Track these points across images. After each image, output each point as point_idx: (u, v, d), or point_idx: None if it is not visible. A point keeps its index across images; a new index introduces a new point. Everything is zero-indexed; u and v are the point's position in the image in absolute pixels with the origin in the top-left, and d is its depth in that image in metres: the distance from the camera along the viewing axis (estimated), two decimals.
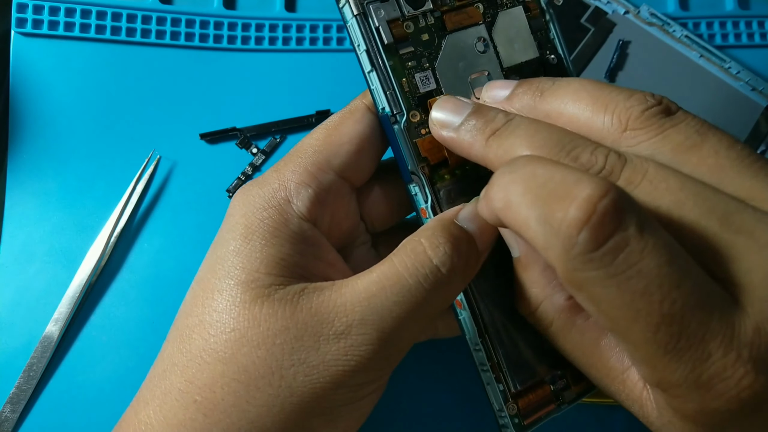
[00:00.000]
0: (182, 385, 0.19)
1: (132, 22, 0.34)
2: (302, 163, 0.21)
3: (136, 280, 0.31)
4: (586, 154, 0.17)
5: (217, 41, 0.34)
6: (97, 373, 0.29)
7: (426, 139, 0.21)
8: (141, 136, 0.33)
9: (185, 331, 0.20)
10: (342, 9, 0.21)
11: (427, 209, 0.21)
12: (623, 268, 0.14)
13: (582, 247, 0.14)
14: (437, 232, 0.19)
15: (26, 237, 0.31)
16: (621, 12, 0.36)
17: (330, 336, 0.18)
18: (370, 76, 0.21)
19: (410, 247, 0.19)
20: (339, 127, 0.22)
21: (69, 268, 0.30)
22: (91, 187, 0.32)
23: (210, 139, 0.33)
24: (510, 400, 0.21)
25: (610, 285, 0.14)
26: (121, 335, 0.30)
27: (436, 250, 0.19)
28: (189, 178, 0.32)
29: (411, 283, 0.19)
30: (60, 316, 0.29)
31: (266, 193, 0.21)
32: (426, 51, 0.21)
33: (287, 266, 0.20)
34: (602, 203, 0.14)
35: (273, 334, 0.19)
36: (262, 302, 0.19)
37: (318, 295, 0.19)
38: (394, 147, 0.21)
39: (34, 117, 0.32)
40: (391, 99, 0.21)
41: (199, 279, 0.21)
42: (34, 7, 0.33)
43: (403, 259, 0.19)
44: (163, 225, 0.32)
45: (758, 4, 0.38)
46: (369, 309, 0.19)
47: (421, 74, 0.21)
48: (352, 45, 0.21)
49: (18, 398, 0.28)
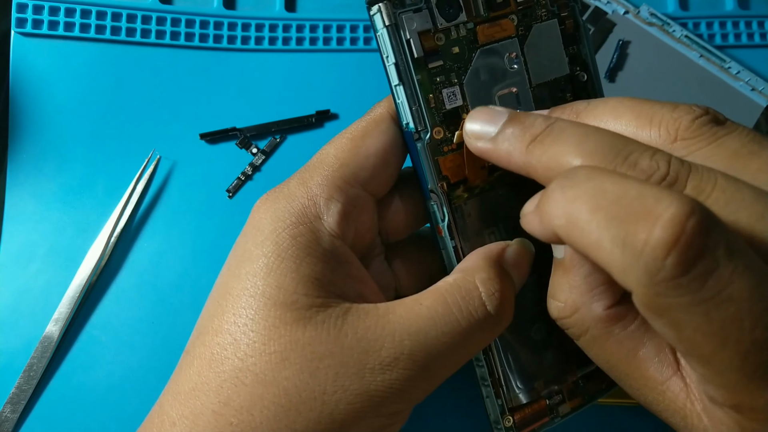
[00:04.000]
0: (216, 407, 0.18)
1: (132, 22, 0.34)
2: (329, 176, 0.20)
3: (136, 280, 0.31)
4: (645, 159, 0.15)
5: (216, 41, 0.34)
6: (97, 373, 0.29)
7: (448, 157, 0.20)
8: (141, 136, 0.33)
9: (216, 350, 0.19)
10: (373, 17, 0.20)
11: (444, 228, 0.21)
12: (712, 294, 0.13)
13: (669, 272, 0.13)
14: (492, 276, 0.19)
15: (26, 237, 0.31)
16: (621, 12, 0.36)
17: (376, 366, 0.18)
18: (397, 89, 0.20)
19: (464, 288, 0.19)
20: (365, 139, 0.21)
21: (69, 268, 0.30)
22: (91, 187, 0.32)
23: (210, 139, 0.33)
24: (507, 413, 0.21)
25: (696, 312, 0.13)
26: (121, 335, 0.30)
27: (491, 298, 0.19)
28: (189, 178, 0.32)
29: (463, 325, 0.19)
30: (60, 316, 0.29)
31: (296, 209, 0.20)
32: (455, 65, 0.20)
33: (323, 286, 0.19)
34: (690, 223, 0.13)
35: (317, 358, 0.18)
36: (305, 324, 0.19)
37: (363, 320, 0.19)
38: (415, 162, 0.21)
39: (34, 117, 0.32)
40: (416, 115, 0.20)
41: (225, 293, 0.20)
42: (34, 7, 0.33)
43: (456, 299, 0.19)
44: (163, 225, 0.32)
45: (758, 4, 0.38)
46: (418, 344, 0.18)
47: (449, 90, 0.20)
48: (381, 55, 0.20)
49: (18, 398, 0.28)
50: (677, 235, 0.13)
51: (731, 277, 0.13)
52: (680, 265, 0.13)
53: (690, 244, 0.13)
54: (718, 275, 0.13)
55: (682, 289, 0.13)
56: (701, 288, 0.13)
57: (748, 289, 0.13)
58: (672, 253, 0.13)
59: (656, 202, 0.13)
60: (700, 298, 0.13)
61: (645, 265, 0.13)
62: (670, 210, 0.13)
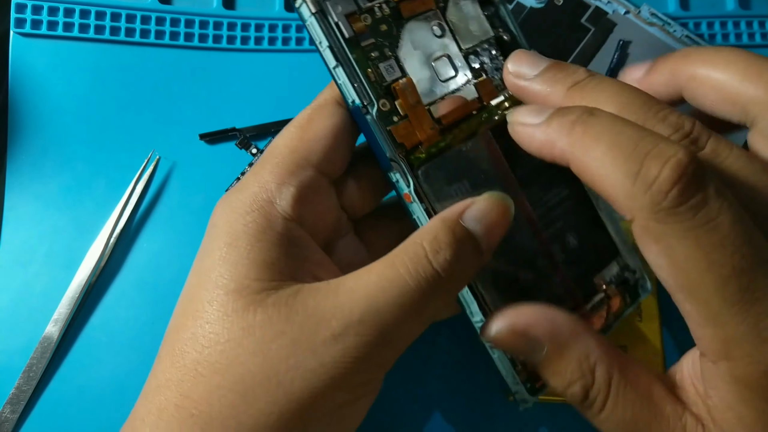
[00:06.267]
0: (178, 400, 0.19)
1: (131, 22, 0.33)
2: (279, 162, 0.21)
3: (135, 280, 0.31)
4: (673, 116, 0.18)
5: (216, 41, 0.34)
6: (96, 373, 0.29)
7: (399, 125, 0.21)
8: (140, 137, 0.32)
9: (177, 345, 0.19)
10: (299, 9, 0.21)
11: (411, 194, 0.21)
12: (702, 222, 0.16)
13: (671, 202, 0.16)
14: (440, 235, 0.19)
15: (26, 237, 0.31)
16: (621, 12, 0.36)
17: (327, 338, 0.18)
18: (336, 71, 0.21)
19: (412, 250, 0.19)
20: (311, 123, 0.22)
21: (69, 269, 0.30)
22: (91, 187, 0.32)
23: (209, 139, 0.33)
24: (519, 366, 0.22)
25: (688, 237, 0.16)
26: (120, 336, 0.30)
27: (437, 255, 0.19)
28: (188, 179, 0.32)
29: (412, 286, 0.18)
30: (60, 317, 0.29)
31: (247, 198, 0.20)
32: (386, 41, 0.21)
33: (276, 269, 0.20)
34: (690, 167, 0.16)
35: (269, 340, 0.18)
36: (255, 309, 0.19)
37: (313, 297, 0.19)
38: (369, 137, 0.21)
39: (33, 117, 0.32)
40: (359, 91, 0.21)
41: (187, 291, 0.21)
42: (33, 8, 0.33)
43: (404, 261, 0.19)
44: (162, 225, 0.32)
45: (759, 3, 0.38)
46: (368, 310, 0.18)
47: (385, 63, 0.21)
48: (314, 43, 0.21)
49: (18, 399, 0.28)
50: (680, 174, 0.16)
51: (718, 212, 0.16)
52: (680, 196, 0.16)
53: (689, 182, 0.16)
54: (708, 208, 0.16)
55: (678, 216, 0.16)
56: (693, 217, 0.16)
57: (731, 222, 0.16)
58: (675, 187, 0.16)
59: (667, 148, 0.16)
60: (692, 225, 0.16)
61: (652, 195, 0.16)
62: (677, 156, 0.16)
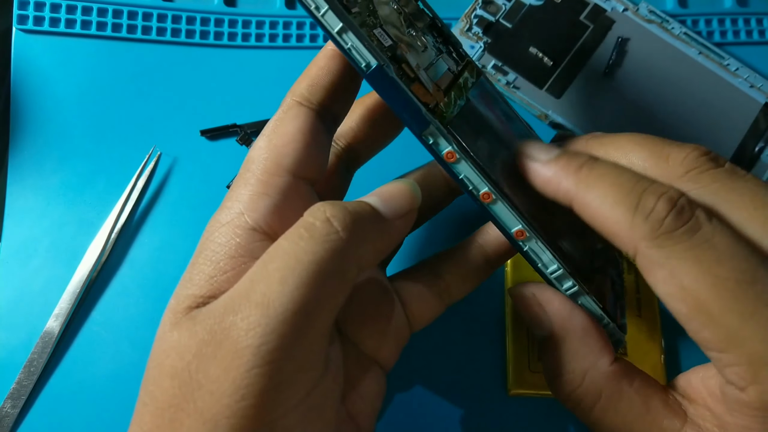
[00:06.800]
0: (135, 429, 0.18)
1: (133, 19, 0.34)
2: (252, 175, 0.20)
3: (136, 275, 0.31)
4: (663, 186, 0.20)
5: (217, 38, 0.34)
6: (97, 368, 0.29)
7: (415, 84, 0.20)
8: (142, 133, 0.33)
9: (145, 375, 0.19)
10: None
11: (456, 150, 0.20)
12: (700, 242, 0.18)
13: (668, 226, 0.18)
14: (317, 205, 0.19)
15: (27, 233, 0.31)
16: (620, 9, 0.36)
17: (222, 339, 0.16)
18: (342, 36, 0.19)
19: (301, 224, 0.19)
20: (278, 129, 0.21)
21: (70, 264, 0.30)
22: (92, 183, 0.32)
23: (210, 135, 0.33)
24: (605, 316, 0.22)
25: (688, 257, 0.17)
26: (121, 331, 0.30)
27: (314, 212, 0.19)
28: (189, 175, 0.32)
29: (287, 249, 0.17)
30: (61, 312, 0.29)
31: (220, 216, 0.20)
32: (366, 13, 0.21)
33: (220, 283, 0.18)
34: (683, 199, 0.18)
35: (180, 359, 0.17)
36: (174, 328, 0.18)
37: (224, 301, 0.18)
38: (393, 100, 0.20)
39: (35, 113, 0.32)
40: (373, 51, 0.19)
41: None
42: (36, 4, 0.33)
43: (290, 232, 0.18)
44: (163, 221, 0.32)
45: (757, 1, 0.38)
46: (253, 294, 0.17)
47: (378, 30, 0.20)
48: (314, 16, 0.20)
49: (18, 394, 0.28)
50: (673, 204, 0.18)
51: (713, 233, 0.18)
52: (676, 220, 0.18)
53: (682, 209, 0.18)
54: (702, 231, 0.18)
55: (677, 238, 0.18)
56: (691, 237, 0.18)
57: (727, 241, 0.18)
58: (670, 213, 0.18)
59: (660, 187, 0.19)
60: (691, 245, 0.18)
61: (651, 222, 0.18)
62: (669, 192, 0.19)
